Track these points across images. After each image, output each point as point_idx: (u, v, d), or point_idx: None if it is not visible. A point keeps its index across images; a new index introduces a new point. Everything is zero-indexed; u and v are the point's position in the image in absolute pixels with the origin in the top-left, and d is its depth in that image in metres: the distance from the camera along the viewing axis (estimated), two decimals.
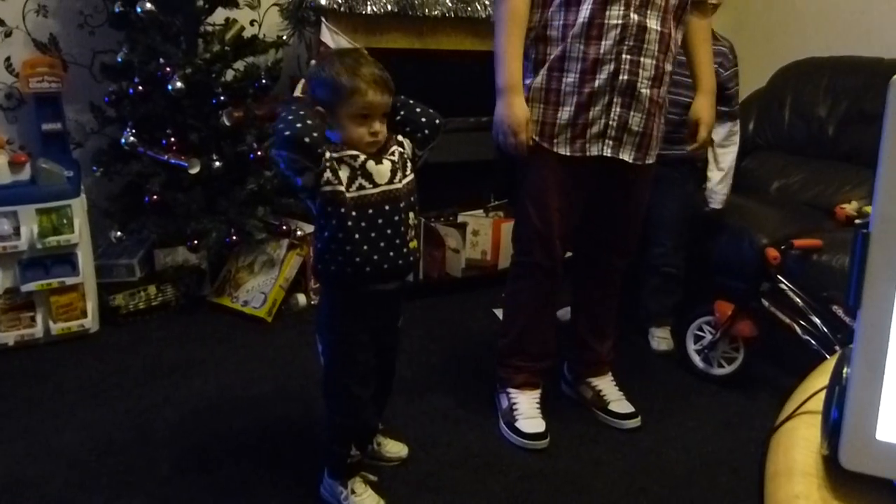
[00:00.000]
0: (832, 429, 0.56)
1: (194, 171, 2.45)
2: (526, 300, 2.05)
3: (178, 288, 2.74)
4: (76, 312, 2.50)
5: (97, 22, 2.72)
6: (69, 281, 2.45)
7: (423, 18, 2.70)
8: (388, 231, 1.51)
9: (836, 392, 0.57)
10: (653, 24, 1.75)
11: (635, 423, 2.09)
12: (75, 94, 2.74)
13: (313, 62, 2.64)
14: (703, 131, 1.99)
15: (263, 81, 2.62)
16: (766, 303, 2.26)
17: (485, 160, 3.16)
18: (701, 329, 2.45)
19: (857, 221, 2.63)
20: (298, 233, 2.72)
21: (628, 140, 1.83)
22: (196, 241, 2.57)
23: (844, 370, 0.57)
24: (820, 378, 0.71)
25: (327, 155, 1.45)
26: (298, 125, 1.39)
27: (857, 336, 0.55)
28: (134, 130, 2.47)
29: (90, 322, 2.52)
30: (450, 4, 2.73)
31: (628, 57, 1.75)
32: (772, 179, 3.09)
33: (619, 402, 2.13)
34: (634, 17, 1.72)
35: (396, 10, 2.60)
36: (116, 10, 2.46)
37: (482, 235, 3.12)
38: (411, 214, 1.56)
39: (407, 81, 2.33)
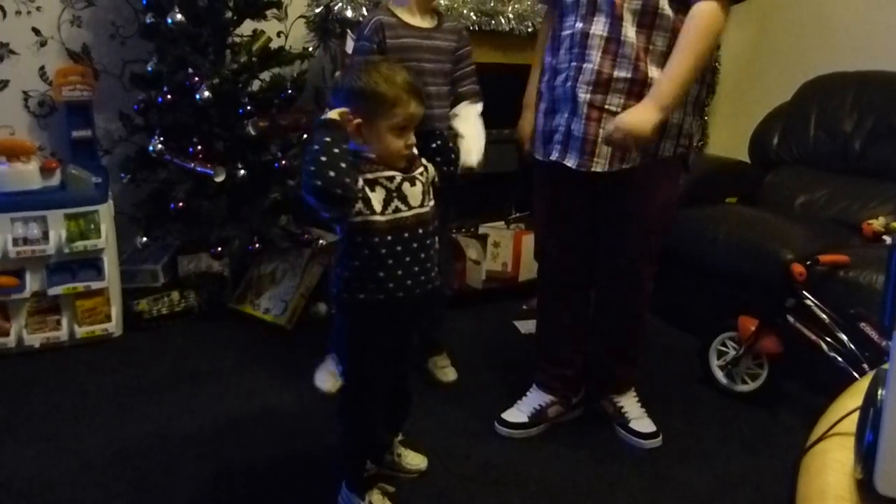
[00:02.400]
0: (867, 452, 0.55)
1: (219, 179, 2.48)
2: (539, 304, 2.19)
3: (200, 294, 2.76)
4: (101, 317, 2.53)
5: (128, 33, 2.77)
6: (95, 285, 2.49)
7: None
8: (422, 255, 1.50)
9: (871, 414, 0.56)
10: (597, 29, 1.75)
11: (656, 442, 2.07)
12: (105, 103, 2.79)
13: (338, 73, 2.66)
14: (616, 142, 1.75)
15: (289, 92, 2.64)
16: (791, 319, 2.23)
17: (506, 172, 3.16)
18: (724, 345, 2.42)
19: (885, 238, 2.61)
20: (321, 242, 2.74)
21: (573, 145, 1.83)
22: (219, 249, 2.60)
23: (879, 392, 0.56)
24: (852, 399, 0.70)
25: (359, 182, 1.40)
26: (330, 173, 1.31)
27: (892, 356, 0.54)
28: (161, 138, 2.51)
29: (114, 326, 2.55)
30: (474, 18, 2.74)
31: (574, 64, 1.80)
32: (797, 194, 3.05)
33: (640, 421, 2.11)
34: (579, 25, 1.78)
35: None
36: (148, 21, 2.50)
37: (503, 247, 3.11)
38: (436, 238, 1.55)
39: None
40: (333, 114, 1.38)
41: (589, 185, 1.89)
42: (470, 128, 2.14)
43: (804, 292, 2.21)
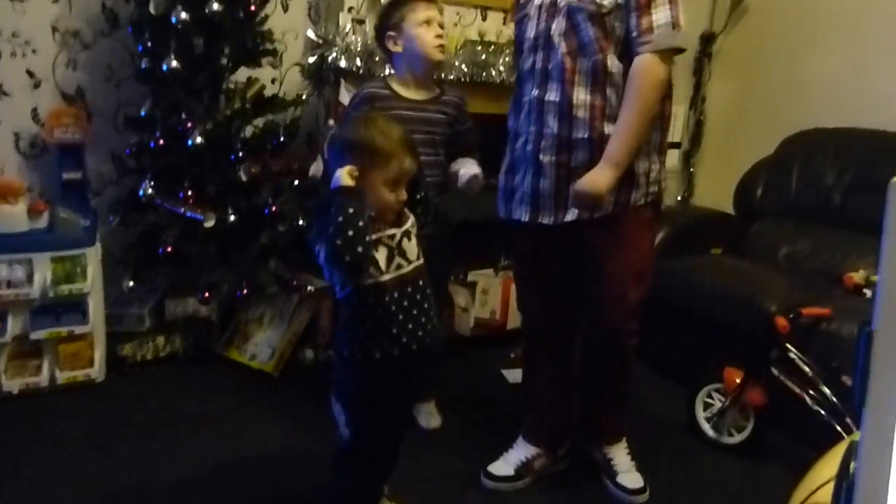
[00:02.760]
0: None
1: (209, 224, 2.49)
2: (523, 353, 2.25)
3: (186, 339, 2.75)
4: (83, 361, 2.50)
5: (123, 76, 2.80)
6: (78, 330, 2.46)
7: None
8: (425, 305, 1.53)
9: (844, 487, 0.57)
10: (551, 96, 1.84)
11: (643, 498, 2.06)
12: (97, 145, 2.80)
13: (331, 121, 2.70)
14: (580, 200, 1.84)
15: (282, 139, 2.67)
16: (775, 371, 2.24)
17: (495, 220, 3.18)
18: (710, 396, 2.43)
19: (865, 291, 2.64)
20: (310, 288, 2.74)
21: (544, 203, 1.91)
22: (207, 294, 2.59)
23: (851, 464, 0.58)
24: (828, 466, 0.71)
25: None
26: (359, 248, 1.34)
27: (863, 434, 0.56)
28: (152, 182, 2.51)
29: (96, 372, 2.51)
30: (465, 69, 2.81)
31: (533, 128, 1.89)
32: (781, 246, 3.10)
33: (628, 475, 2.09)
34: (535, 92, 1.87)
35: None
36: (143, 66, 2.52)
37: (492, 294, 3.13)
38: (429, 286, 1.58)
39: None
40: (346, 178, 1.39)
41: (565, 238, 1.94)
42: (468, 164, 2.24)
43: (787, 345, 2.23)
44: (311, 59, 2.67)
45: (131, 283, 2.64)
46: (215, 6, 2.42)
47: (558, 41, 1.81)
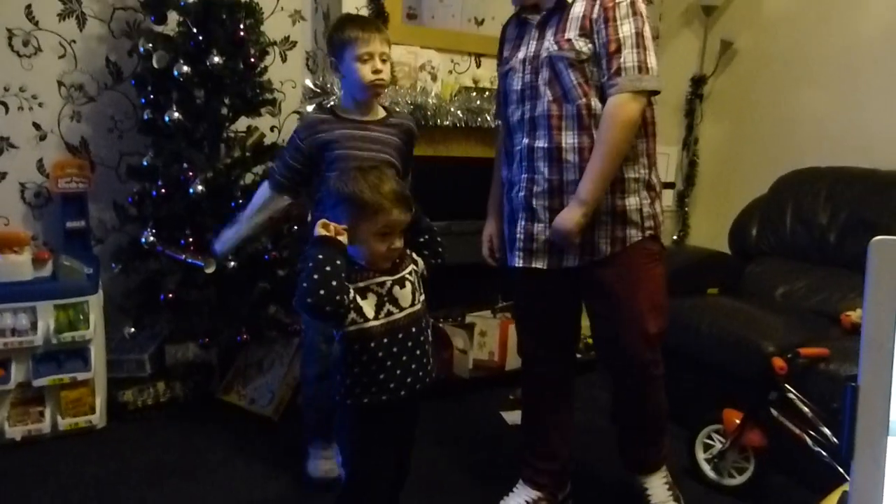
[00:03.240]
0: None
1: (210, 270, 2.51)
2: (525, 400, 2.23)
3: (186, 384, 2.75)
4: (85, 408, 2.51)
5: (126, 127, 2.87)
6: (81, 376, 2.48)
7: (435, 128, 2.83)
8: (417, 352, 1.56)
9: None
10: (540, 143, 1.90)
11: None
12: (100, 193, 2.85)
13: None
14: (560, 239, 1.89)
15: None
16: (774, 412, 2.24)
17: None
18: (710, 437, 2.43)
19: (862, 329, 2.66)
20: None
21: (538, 248, 1.95)
22: (207, 339, 2.60)
23: None
24: None
25: (350, 293, 1.47)
26: (321, 291, 1.39)
27: (851, 486, 0.57)
28: (154, 230, 2.55)
29: (97, 418, 2.53)
30: (460, 115, 2.87)
31: (525, 175, 1.94)
32: (777, 285, 3.12)
33: None
34: (525, 140, 1.94)
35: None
36: (146, 117, 2.59)
37: (489, 336, 3.14)
38: (429, 331, 1.61)
39: (420, 185, 2.44)
40: (319, 229, 1.45)
41: (565, 283, 1.97)
42: None
43: (786, 385, 2.24)
44: (310, 108, 2.72)
45: (132, 330, 2.66)
46: (216, 59, 2.48)
47: (544, 90, 1.88)
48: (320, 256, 1.41)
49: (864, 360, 0.57)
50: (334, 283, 1.40)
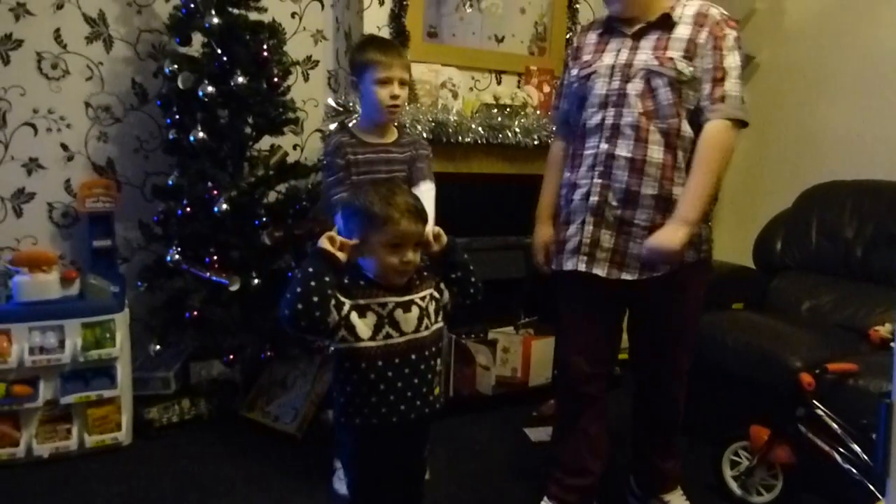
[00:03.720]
0: None
1: (234, 288, 2.54)
2: (560, 415, 2.20)
3: (211, 402, 2.77)
4: (111, 425, 2.53)
5: (152, 147, 2.91)
6: (107, 394, 2.50)
7: (457, 145, 2.84)
8: (415, 380, 1.51)
9: None
10: (622, 151, 1.90)
11: None
12: (126, 213, 2.89)
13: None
14: (658, 259, 1.88)
15: (304, 203, 2.74)
16: (802, 428, 2.21)
17: (515, 278, 3.22)
18: (737, 454, 2.39)
19: (893, 345, 2.61)
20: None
21: (600, 256, 1.94)
22: (232, 357, 2.62)
23: None
24: None
25: (345, 309, 1.45)
26: (299, 306, 1.37)
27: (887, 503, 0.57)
28: (179, 249, 2.58)
29: (123, 435, 2.54)
30: (482, 132, 2.87)
31: (598, 181, 1.93)
32: (802, 300, 3.08)
33: None
34: (604, 146, 1.92)
35: (431, 136, 2.74)
36: (171, 137, 2.63)
37: (512, 353, 3.13)
38: (438, 361, 1.57)
39: (442, 201, 2.45)
40: (324, 241, 1.45)
41: (619, 294, 1.98)
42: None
43: (814, 402, 2.20)
44: (332, 126, 2.75)
45: (158, 347, 2.68)
46: (240, 79, 2.52)
47: (634, 100, 1.88)
48: (310, 270, 1.41)
49: None
50: (315, 299, 1.38)
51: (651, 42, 1.90)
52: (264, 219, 2.64)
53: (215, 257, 2.58)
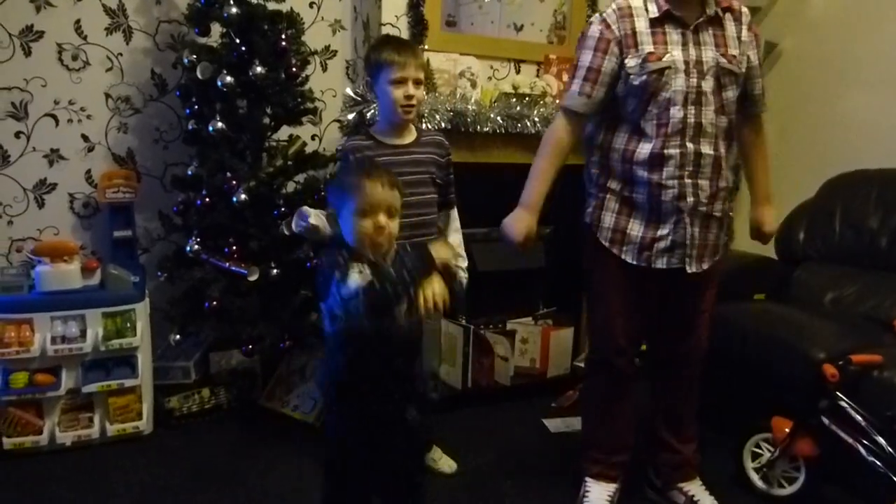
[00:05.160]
0: None
1: (253, 278, 2.55)
2: (596, 396, 2.22)
3: (230, 391, 2.79)
4: (132, 414, 2.55)
5: (171, 137, 2.92)
6: (128, 383, 2.53)
7: (475, 134, 2.83)
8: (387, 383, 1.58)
9: None
10: (707, 150, 1.93)
11: None
12: (146, 203, 2.91)
13: None
14: (767, 234, 2.20)
15: (322, 193, 2.74)
16: (826, 420, 2.18)
17: (534, 268, 3.20)
18: (758, 446, 2.37)
19: None
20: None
21: (691, 253, 2.00)
22: (251, 346, 2.63)
23: None
24: None
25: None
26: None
27: None
28: (198, 239, 2.59)
29: (144, 424, 2.57)
30: (500, 121, 2.85)
31: (689, 181, 1.94)
32: (826, 291, 3.03)
33: None
34: (690, 145, 1.92)
35: (450, 126, 2.73)
36: (190, 127, 2.64)
37: (531, 343, 3.12)
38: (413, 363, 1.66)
39: (461, 191, 2.44)
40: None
41: (666, 281, 2.04)
42: (461, 257, 2.37)
43: (837, 393, 2.18)
44: (350, 116, 2.74)
45: (178, 337, 2.70)
46: (259, 70, 2.52)
47: (710, 98, 1.91)
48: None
49: None
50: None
51: (710, 37, 1.92)
52: (283, 209, 2.64)
53: (234, 247, 2.59)
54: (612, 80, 1.94)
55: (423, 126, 2.66)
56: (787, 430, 2.23)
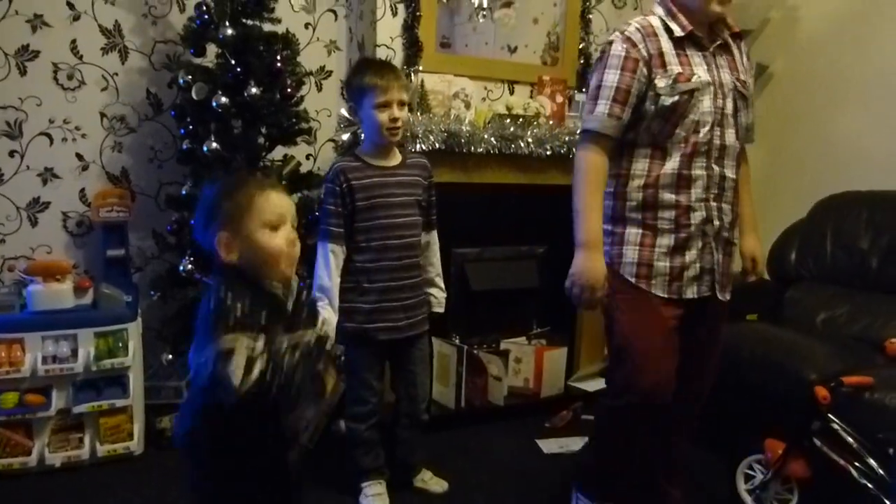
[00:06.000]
0: None
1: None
2: (626, 442, 2.04)
3: None
4: (123, 435, 2.54)
5: (165, 157, 2.93)
6: (119, 403, 2.51)
7: (469, 155, 2.85)
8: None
9: None
10: (729, 173, 1.92)
11: None
12: (140, 222, 2.91)
13: None
14: (761, 265, 2.17)
15: (316, 213, 2.73)
16: (818, 442, 2.18)
17: (527, 288, 3.21)
18: (751, 468, 2.37)
19: None
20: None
21: (720, 280, 1.95)
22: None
23: None
24: None
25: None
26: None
27: None
28: (192, 258, 2.59)
29: (135, 445, 2.55)
30: (494, 142, 2.87)
31: (714, 204, 1.90)
32: (818, 311, 3.04)
33: None
34: (716, 168, 1.89)
35: (444, 147, 2.75)
36: (184, 147, 2.64)
37: (525, 363, 3.12)
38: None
39: (455, 211, 2.46)
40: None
41: (692, 314, 1.96)
42: (437, 277, 2.38)
43: (829, 415, 2.18)
44: (345, 137, 2.76)
45: (170, 357, 2.69)
46: (254, 90, 2.53)
47: (731, 121, 1.90)
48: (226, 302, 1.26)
49: None
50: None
51: (724, 61, 1.92)
52: None
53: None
54: (638, 101, 1.85)
55: (418, 147, 2.68)
56: (779, 451, 2.23)
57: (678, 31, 1.85)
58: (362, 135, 2.42)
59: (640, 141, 1.90)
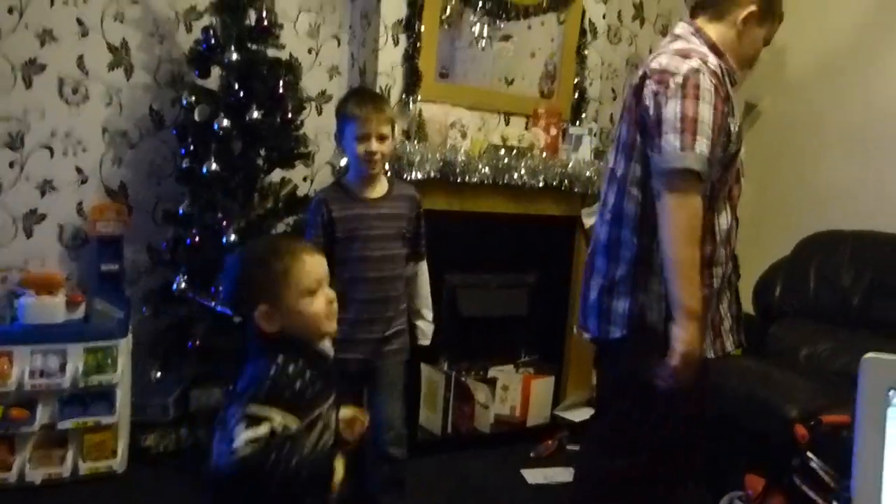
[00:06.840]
0: None
1: (239, 319, 2.55)
2: None
3: (209, 431, 2.76)
4: (107, 452, 2.53)
5: (165, 173, 2.94)
6: (105, 420, 2.50)
7: (464, 184, 2.89)
8: None
9: None
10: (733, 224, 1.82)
11: None
12: (135, 236, 2.91)
13: None
14: None
15: None
16: (797, 480, 2.21)
17: (517, 315, 3.24)
18: (734, 503, 2.39)
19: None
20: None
21: (740, 329, 1.88)
22: (232, 386, 2.62)
23: None
24: None
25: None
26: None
27: None
28: (186, 276, 2.60)
29: (118, 463, 2.54)
30: (488, 172, 2.92)
31: (729, 253, 1.81)
32: (801, 347, 3.09)
33: None
34: (731, 219, 1.79)
35: (440, 176, 2.80)
36: (184, 166, 2.66)
37: (512, 391, 3.14)
38: None
39: (448, 238, 2.48)
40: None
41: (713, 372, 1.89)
42: (426, 309, 2.33)
43: (808, 453, 2.21)
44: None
45: (159, 375, 2.69)
46: (255, 114, 2.56)
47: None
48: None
49: (857, 476, 0.59)
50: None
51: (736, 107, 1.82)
52: None
53: (222, 287, 2.60)
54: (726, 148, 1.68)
55: (414, 174, 2.71)
56: (760, 487, 2.26)
57: (727, 72, 1.71)
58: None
59: None
